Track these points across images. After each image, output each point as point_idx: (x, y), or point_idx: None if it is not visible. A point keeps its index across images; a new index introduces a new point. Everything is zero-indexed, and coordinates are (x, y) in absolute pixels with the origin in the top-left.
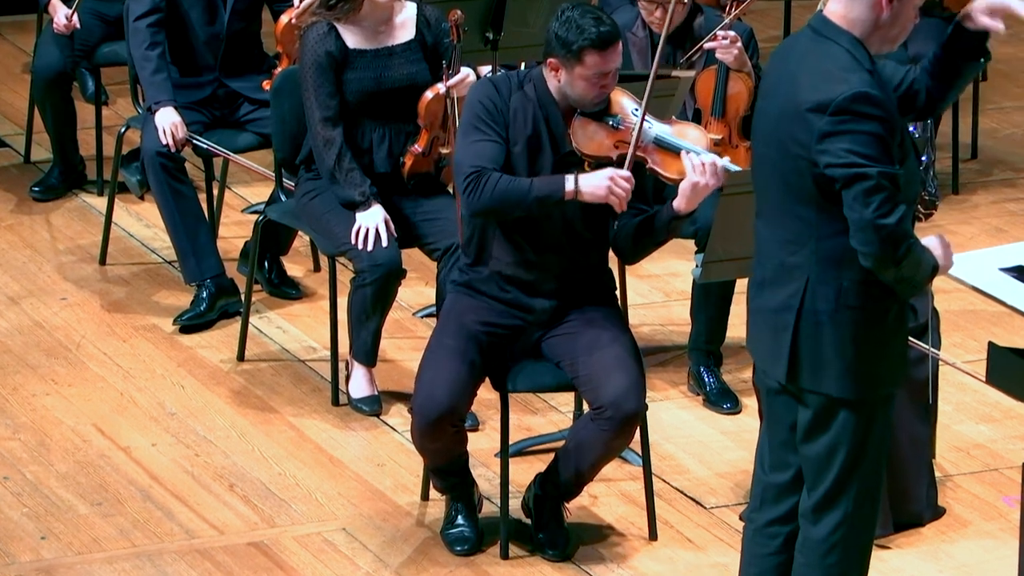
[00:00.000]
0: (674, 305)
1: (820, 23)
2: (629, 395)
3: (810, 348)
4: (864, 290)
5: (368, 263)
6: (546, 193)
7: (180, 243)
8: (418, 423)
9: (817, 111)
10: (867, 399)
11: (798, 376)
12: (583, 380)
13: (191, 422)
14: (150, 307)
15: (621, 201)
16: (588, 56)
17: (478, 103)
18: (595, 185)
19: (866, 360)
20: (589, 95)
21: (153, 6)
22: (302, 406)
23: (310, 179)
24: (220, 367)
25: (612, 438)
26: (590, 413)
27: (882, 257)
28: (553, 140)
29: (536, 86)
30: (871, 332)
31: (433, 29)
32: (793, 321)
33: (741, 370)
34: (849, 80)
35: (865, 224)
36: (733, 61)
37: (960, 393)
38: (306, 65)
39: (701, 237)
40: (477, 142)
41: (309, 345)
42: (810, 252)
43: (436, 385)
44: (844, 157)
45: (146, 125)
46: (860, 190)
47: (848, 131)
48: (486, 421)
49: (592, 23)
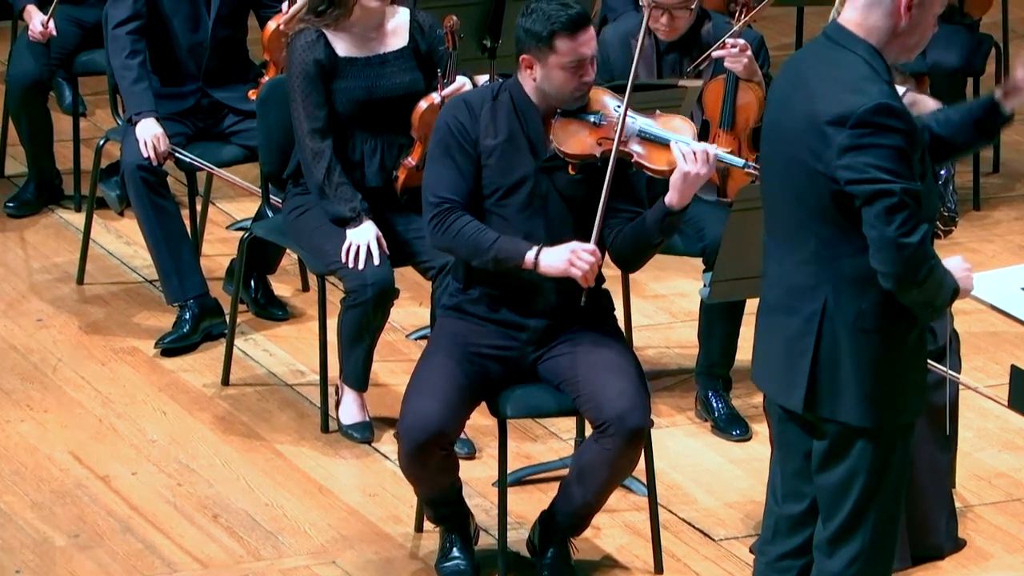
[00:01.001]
0: (681, 327)
1: (835, 31)
2: (633, 410)
3: (828, 375)
4: (884, 312)
5: (359, 282)
6: (505, 256)
7: (162, 261)
8: (404, 447)
9: (836, 124)
10: (886, 428)
11: (816, 405)
12: (584, 398)
13: (173, 450)
14: (130, 329)
15: (585, 275)
16: (559, 42)
17: (445, 125)
18: (554, 260)
19: (886, 387)
20: (568, 87)
21: (134, 12)
22: (290, 433)
23: (298, 194)
24: (204, 392)
25: (617, 457)
26: (593, 434)
27: (904, 278)
28: (532, 147)
29: (512, 94)
30: (891, 357)
31: (427, 36)
32: (812, 347)
33: (751, 395)
34: (869, 91)
35: (887, 243)
36: (743, 70)
37: (981, 419)
38: (294, 74)
39: (709, 255)
40: (446, 170)
41: (297, 369)
42: (827, 273)
43: (422, 407)
44: (866, 172)
45: (126, 137)
46: (882, 207)
47: (870, 145)
48: (483, 448)
49: (558, 8)
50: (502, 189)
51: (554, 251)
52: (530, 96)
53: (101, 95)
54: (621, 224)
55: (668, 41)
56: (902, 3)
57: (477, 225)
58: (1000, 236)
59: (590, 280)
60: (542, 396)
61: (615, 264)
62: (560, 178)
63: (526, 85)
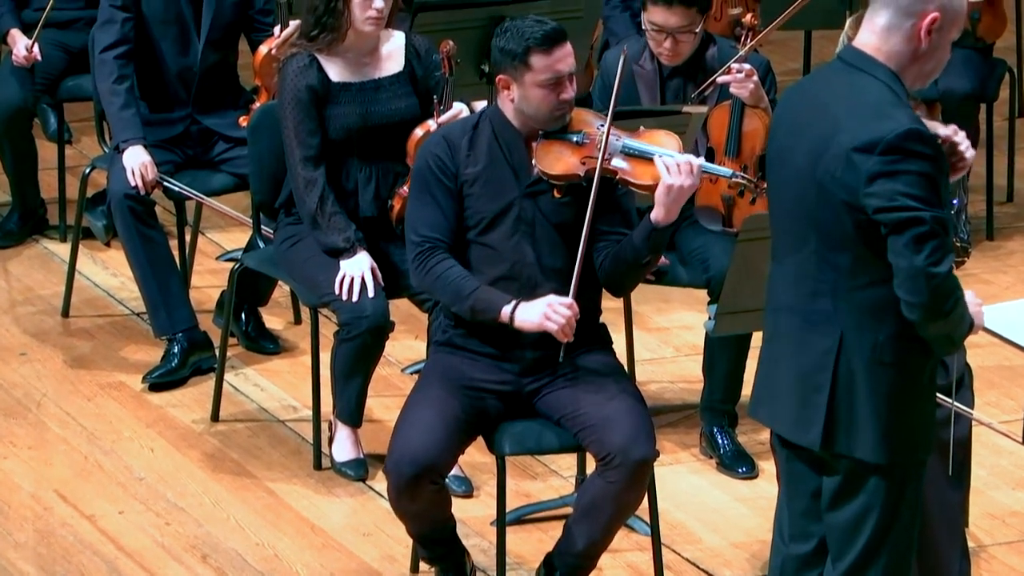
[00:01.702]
0: (685, 360)
1: (852, 55)
2: (638, 441)
3: (846, 410)
4: (900, 345)
5: (353, 315)
6: (482, 307)
7: (150, 293)
8: (392, 482)
9: (864, 151)
10: (900, 463)
11: (833, 441)
12: (587, 431)
13: (161, 488)
14: (117, 363)
15: (561, 329)
16: (534, 58)
17: (424, 162)
18: (529, 315)
19: (902, 422)
20: (546, 105)
21: (121, 37)
22: (281, 470)
23: (290, 224)
24: (193, 428)
25: (623, 490)
26: (597, 469)
27: (931, 308)
28: (515, 172)
29: (492, 120)
30: (907, 391)
31: (423, 61)
32: (829, 381)
33: (757, 431)
34: (896, 117)
35: (916, 273)
36: (749, 96)
37: (995, 456)
38: (285, 100)
39: (714, 287)
40: (427, 208)
41: (289, 404)
42: (844, 304)
43: (411, 440)
44: (895, 200)
45: (113, 165)
46: (912, 236)
47: (899, 171)
48: (481, 486)
49: (533, 24)
50: (487, 219)
51: (530, 306)
52: (510, 120)
53: (87, 122)
54: (610, 246)
55: (672, 66)
56: (922, 27)
57: (459, 271)
58: (1014, 267)
59: (567, 335)
60: (542, 432)
61: (605, 287)
62: (546, 202)
63: (505, 108)
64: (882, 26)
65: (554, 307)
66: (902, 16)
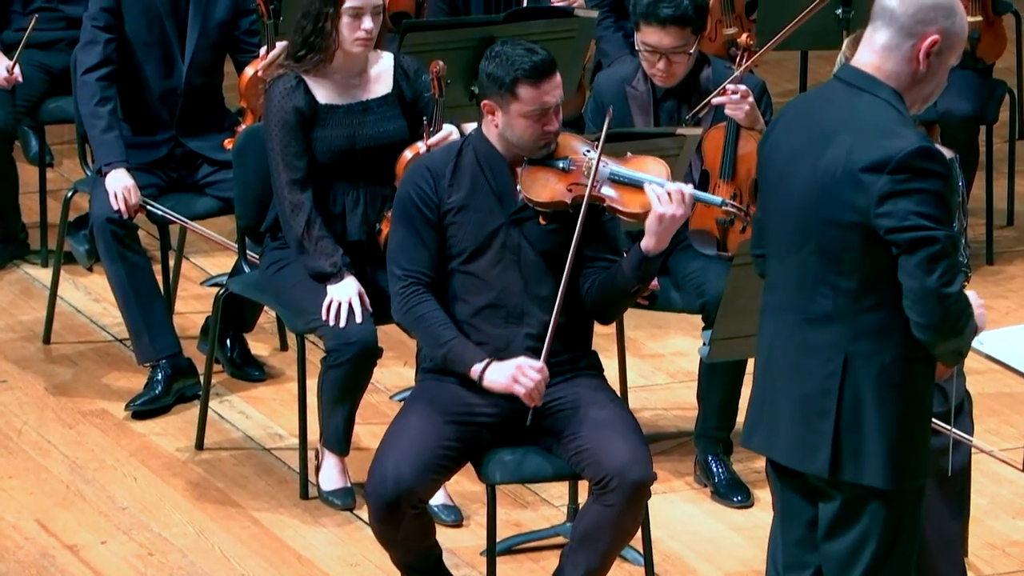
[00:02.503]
0: (679, 387)
1: (852, 75)
2: (635, 463)
3: (852, 435)
4: (906, 368)
5: (340, 341)
6: (455, 359)
7: (132, 319)
8: (372, 507)
9: (873, 170)
10: (901, 489)
11: (840, 468)
12: (582, 455)
13: (144, 518)
14: (99, 390)
15: (529, 392)
16: (522, 89)
17: (407, 194)
18: (498, 376)
19: (906, 446)
20: (529, 135)
21: (103, 58)
22: (267, 500)
23: (276, 248)
24: (176, 457)
25: (621, 514)
26: (592, 495)
27: (943, 329)
28: (500, 199)
29: (475, 147)
30: (913, 414)
31: (412, 82)
32: (835, 406)
33: (753, 459)
34: (906, 135)
35: (928, 294)
36: (744, 118)
37: (995, 485)
38: (271, 122)
39: (709, 312)
40: (409, 240)
41: (275, 432)
42: (847, 328)
43: (391, 464)
44: (908, 219)
45: (95, 189)
46: (925, 256)
47: (911, 190)
48: (471, 516)
49: (523, 53)
50: (471, 247)
51: (499, 367)
52: (494, 144)
53: (69, 144)
54: (597, 274)
55: (666, 87)
56: (922, 48)
57: (439, 316)
58: (1015, 292)
59: (535, 400)
60: (533, 460)
61: (591, 314)
62: (531, 229)
63: (489, 133)
64: (881, 45)
65: (523, 370)
66: (903, 36)
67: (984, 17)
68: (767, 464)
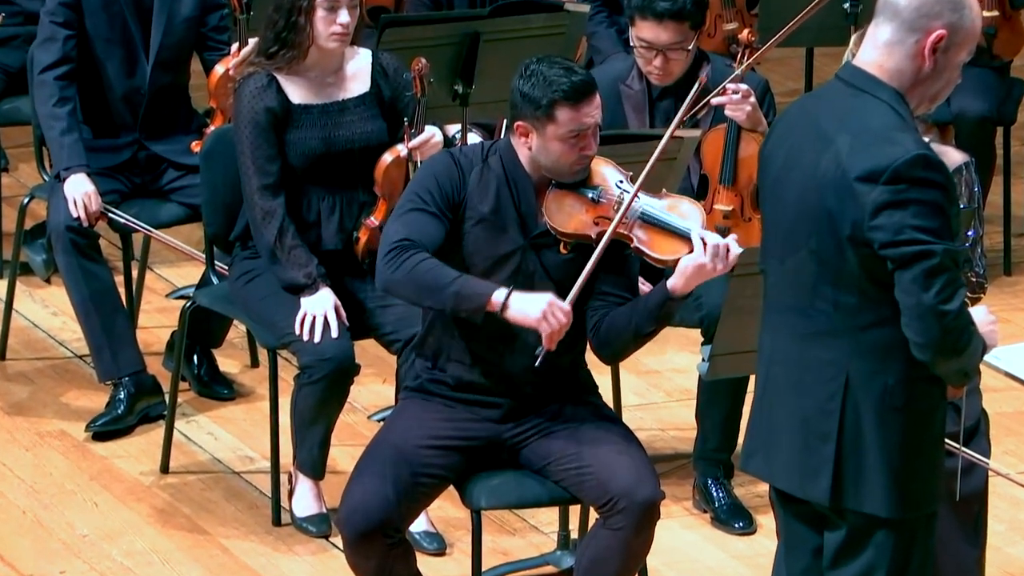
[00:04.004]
0: (676, 406)
1: (852, 74)
2: (642, 480)
3: (854, 460)
4: (911, 388)
5: (315, 357)
6: (469, 293)
7: (93, 334)
8: (345, 536)
9: (867, 180)
10: (911, 518)
11: (842, 495)
12: (583, 478)
13: (106, 545)
14: (58, 410)
15: (551, 336)
16: (560, 112)
17: (432, 178)
18: (528, 307)
19: (913, 472)
20: (567, 161)
21: (62, 56)
22: (237, 526)
23: (247, 258)
24: (140, 481)
25: (632, 536)
26: (599, 519)
27: (942, 348)
28: (522, 220)
29: (503, 158)
30: (919, 438)
31: (392, 80)
32: (836, 429)
33: (755, 482)
34: (902, 142)
35: (924, 311)
36: (745, 119)
37: (1014, 509)
38: (241, 124)
39: (708, 326)
40: (414, 211)
41: (245, 455)
42: (848, 345)
43: (364, 491)
44: (903, 233)
45: (53, 195)
46: (921, 271)
47: (907, 201)
48: (454, 543)
49: (562, 73)
50: (483, 266)
51: (529, 299)
52: (523, 164)
53: (25, 148)
54: (607, 309)
55: (662, 86)
56: (927, 44)
57: (438, 263)
58: None
59: (553, 342)
60: (522, 483)
61: (595, 353)
62: (550, 256)
63: (520, 152)
64: (884, 41)
65: (554, 308)
66: (906, 31)
67: (1001, 12)
68: (770, 489)
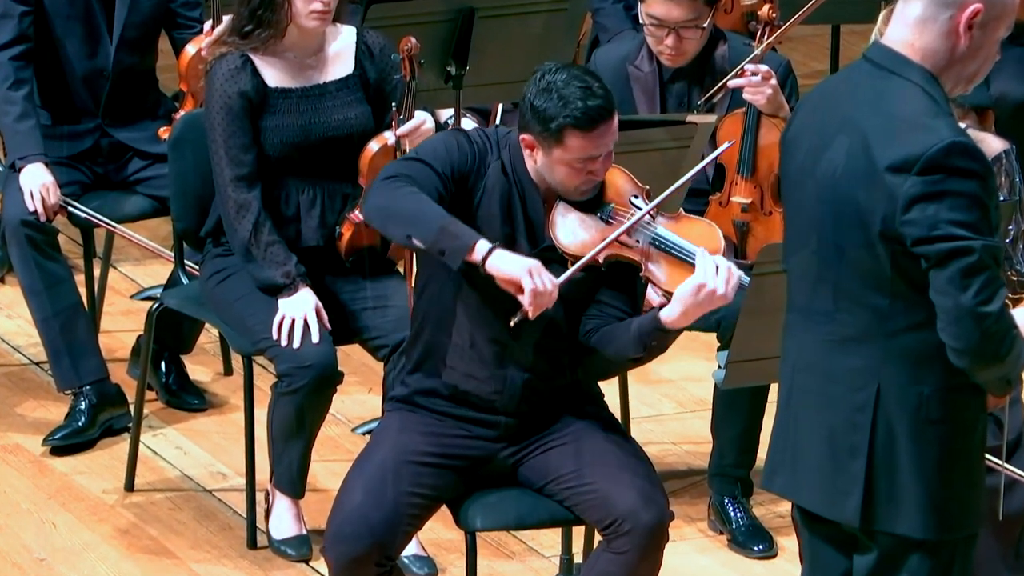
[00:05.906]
0: (690, 418)
1: (881, 54)
2: (649, 501)
3: (886, 478)
4: (949, 399)
5: (294, 364)
6: (455, 231)
7: (51, 339)
8: (332, 564)
9: (899, 170)
10: (947, 540)
11: (873, 515)
12: (585, 497)
13: (65, 570)
14: (13, 422)
15: (533, 304)
16: (570, 138)
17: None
18: (511, 261)
19: (951, 491)
20: (571, 184)
21: (18, 34)
22: (209, 549)
23: (219, 256)
24: (103, 499)
25: (637, 561)
26: (602, 542)
27: (982, 354)
28: (530, 228)
29: (512, 155)
30: (958, 453)
31: (378, 61)
32: (866, 443)
33: (776, 501)
34: (936, 128)
35: (962, 313)
36: (766, 103)
37: None
38: (213, 109)
39: (725, 330)
40: (417, 161)
41: (218, 471)
42: (879, 352)
43: (352, 513)
44: (938, 228)
45: (8, 187)
46: (958, 269)
47: (942, 192)
48: (447, 568)
49: (579, 93)
50: None
51: (515, 255)
52: (529, 172)
53: None
54: (606, 321)
55: (675, 68)
56: (961, 20)
57: (429, 199)
58: None
59: (536, 309)
60: (522, 502)
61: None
62: (556, 272)
63: (527, 160)
64: (915, 18)
65: (540, 270)
66: (938, 6)
67: None
68: (793, 508)
